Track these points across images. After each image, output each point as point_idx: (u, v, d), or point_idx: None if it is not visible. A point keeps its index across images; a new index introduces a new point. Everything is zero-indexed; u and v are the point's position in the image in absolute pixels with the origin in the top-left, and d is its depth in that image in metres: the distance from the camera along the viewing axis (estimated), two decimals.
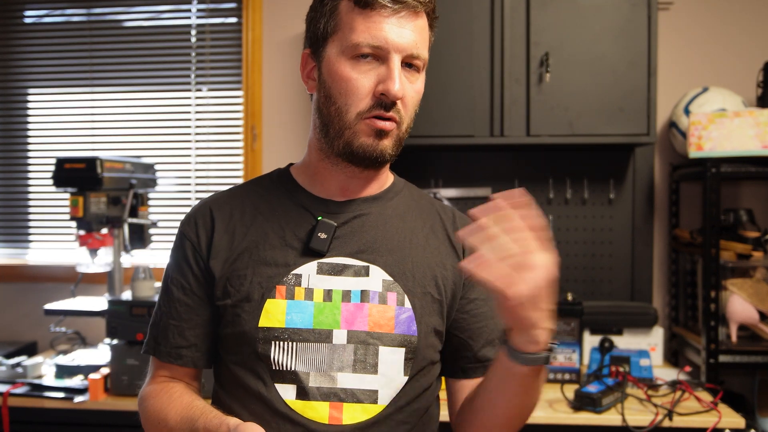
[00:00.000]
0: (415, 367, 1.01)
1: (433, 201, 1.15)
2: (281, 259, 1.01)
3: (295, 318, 0.98)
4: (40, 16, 2.75)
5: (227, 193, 1.10)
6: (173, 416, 0.98)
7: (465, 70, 2.14)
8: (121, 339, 1.96)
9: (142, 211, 2.37)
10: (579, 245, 2.44)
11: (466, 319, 1.07)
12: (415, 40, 0.96)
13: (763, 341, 2.02)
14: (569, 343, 2.02)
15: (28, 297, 2.64)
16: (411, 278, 1.02)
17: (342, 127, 0.98)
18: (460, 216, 1.13)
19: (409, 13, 0.96)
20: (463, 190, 2.45)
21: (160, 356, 1.06)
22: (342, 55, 0.96)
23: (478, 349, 1.07)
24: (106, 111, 2.72)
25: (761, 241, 2.06)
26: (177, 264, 1.06)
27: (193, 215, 1.08)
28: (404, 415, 1.00)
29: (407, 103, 0.98)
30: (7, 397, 1.91)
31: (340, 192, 1.06)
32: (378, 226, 1.05)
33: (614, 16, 2.10)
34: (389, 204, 1.09)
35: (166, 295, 1.07)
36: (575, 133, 2.11)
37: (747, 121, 2.00)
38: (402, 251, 1.04)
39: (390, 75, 0.94)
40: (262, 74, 2.60)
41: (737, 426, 1.74)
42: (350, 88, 0.96)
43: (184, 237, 1.06)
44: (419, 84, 1.01)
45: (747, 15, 2.42)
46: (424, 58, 0.99)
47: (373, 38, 0.94)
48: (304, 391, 0.96)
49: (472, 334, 1.07)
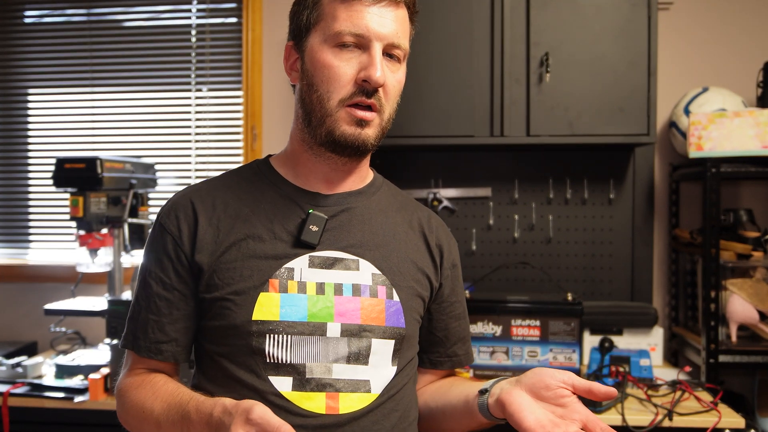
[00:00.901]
0: (403, 358, 1.06)
1: (409, 198, 1.19)
2: (272, 251, 1.01)
3: (290, 311, 0.99)
4: (40, 16, 2.75)
5: (206, 185, 1.09)
6: (159, 405, 0.97)
7: (465, 70, 2.14)
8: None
9: (142, 211, 2.37)
10: (579, 245, 2.44)
11: (444, 320, 1.15)
12: (396, 30, 0.99)
13: (763, 341, 2.02)
14: (569, 343, 2.02)
15: (28, 297, 2.64)
16: (398, 272, 1.06)
17: (323, 115, 0.99)
18: (434, 217, 1.18)
19: (389, 4, 0.98)
20: (463, 190, 2.46)
21: (140, 351, 1.05)
22: (324, 44, 0.98)
23: (449, 345, 1.17)
24: (106, 111, 2.72)
25: (761, 241, 2.06)
26: (156, 258, 1.05)
27: (173, 208, 1.06)
28: (394, 403, 1.04)
29: (388, 91, 1.00)
30: (7, 397, 1.91)
31: (324, 184, 1.07)
32: (364, 221, 1.08)
33: (614, 16, 2.10)
34: (372, 199, 1.11)
35: (144, 290, 1.05)
36: (575, 133, 2.11)
37: (747, 121, 2.00)
38: (387, 246, 1.07)
39: (372, 62, 0.96)
40: (262, 74, 2.60)
41: (737, 426, 1.74)
42: (332, 75, 0.97)
43: (163, 230, 1.04)
44: (400, 74, 1.03)
45: (747, 15, 2.42)
46: (405, 48, 1.02)
47: (354, 26, 0.96)
48: (300, 383, 0.98)
49: (447, 333, 1.16)
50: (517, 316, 2.05)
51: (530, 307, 2.05)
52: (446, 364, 1.17)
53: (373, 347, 1.02)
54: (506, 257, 2.46)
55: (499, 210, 2.47)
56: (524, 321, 2.05)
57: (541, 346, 2.03)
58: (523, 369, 2.05)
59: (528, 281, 2.46)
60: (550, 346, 2.03)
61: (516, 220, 2.45)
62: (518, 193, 2.45)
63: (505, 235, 2.47)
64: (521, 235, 2.46)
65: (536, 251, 2.45)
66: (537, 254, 2.45)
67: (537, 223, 2.45)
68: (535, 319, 2.04)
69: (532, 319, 2.04)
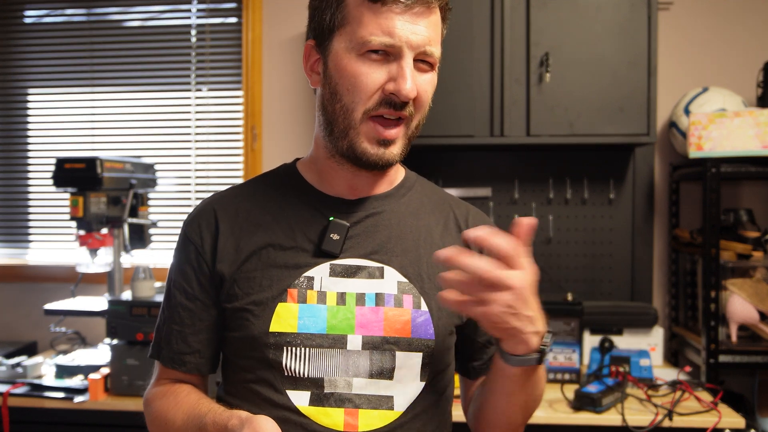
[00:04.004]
0: (433, 372, 0.98)
1: (446, 195, 1.12)
2: (292, 261, 0.97)
3: (308, 323, 0.94)
4: (40, 16, 2.75)
5: (231, 192, 1.06)
6: (180, 416, 0.96)
7: (465, 71, 2.14)
8: (121, 339, 1.96)
9: (142, 211, 2.37)
10: (579, 245, 2.44)
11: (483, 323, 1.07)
12: (429, 37, 0.92)
13: (763, 341, 2.02)
14: (569, 343, 2.02)
15: (28, 297, 2.64)
16: (427, 279, 0.99)
17: (347, 127, 0.94)
18: (474, 212, 1.10)
19: (422, 9, 0.90)
20: (463, 190, 2.45)
21: (164, 362, 1.04)
22: (351, 51, 0.91)
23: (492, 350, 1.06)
24: (106, 111, 2.72)
25: (761, 241, 2.06)
26: (180, 267, 1.03)
27: (197, 217, 1.04)
28: (421, 423, 0.98)
29: (421, 99, 0.94)
30: (7, 397, 1.91)
31: (349, 190, 1.02)
32: (392, 225, 1.02)
33: (614, 16, 2.10)
34: (402, 201, 1.05)
35: (168, 300, 1.04)
36: (575, 133, 2.11)
37: (747, 121, 2.00)
38: (417, 251, 1.01)
39: (402, 74, 0.90)
40: (262, 74, 2.60)
41: (737, 426, 1.74)
42: (358, 84, 0.91)
43: (187, 240, 1.03)
44: (432, 78, 0.96)
45: (747, 15, 2.42)
46: (438, 55, 0.94)
47: (384, 35, 0.89)
48: (318, 398, 0.94)
49: (490, 338, 1.06)
50: None
51: None
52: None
53: (398, 361, 0.95)
54: None
55: (499, 210, 2.46)
56: None
57: None
58: None
59: None
60: None
61: None
62: (518, 193, 2.45)
63: None
64: None
65: (536, 251, 2.45)
66: (537, 254, 2.45)
67: (537, 223, 2.44)
68: None
69: None
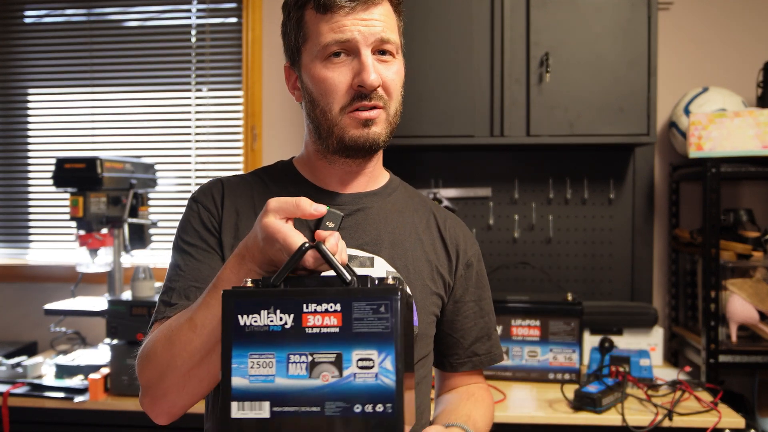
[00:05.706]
0: (416, 357, 1.04)
1: (426, 199, 1.20)
2: None
3: None
4: (40, 16, 2.75)
5: (236, 178, 1.12)
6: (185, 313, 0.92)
7: (465, 70, 2.14)
8: (121, 339, 1.96)
9: (142, 211, 2.37)
10: (579, 245, 2.44)
11: (459, 320, 1.15)
12: (380, 26, 0.99)
13: (763, 341, 2.02)
14: (569, 343, 2.02)
15: (28, 297, 2.64)
16: (413, 270, 1.07)
17: (330, 125, 1.01)
18: (452, 218, 1.18)
19: (366, 5, 0.98)
20: (463, 190, 2.46)
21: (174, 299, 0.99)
22: (316, 60, 1.00)
23: (467, 346, 1.16)
24: (106, 111, 2.72)
25: (761, 241, 2.06)
26: (192, 228, 1.04)
27: (208, 188, 1.09)
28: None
29: (389, 87, 1.01)
30: (7, 397, 1.91)
31: (340, 185, 1.09)
32: (380, 220, 1.09)
33: (614, 16, 2.10)
34: (389, 199, 1.13)
35: (183, 258, 1.02)
36: (575, 133, 2.11)
37: (747, 121, 2.00)
38: (403, 245, 1.08)
39: (363, 67, 0.97)
40: (262, 74, 2.60)
41: (737, 426, 1.74)
42: (328, 87, 0.99)
43: (198, 204, 1.06)
44: (397, 67, 1.02)
45: (747, 15, 2.42)
46: (395, 41, 1.01)
47: (338, 35, 0.97)
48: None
49: (464, 333, 1.15)
50: (517, 316, 2.05)
51: (530, 307, 2.05)
52: (466, 365, 1.16)
53: None
54: (506, 257, 2.46)
55: (499, 210, 2.46)
56: (524, 321, 2.05)
57: (541, 346, 2.03)
58: (523, 369, 2.06)
59: (528, 281, 2.46)
60: (550, 346, 2.03)
61: (516, 220, 2.45)
62: (518, 193, 2.45)
63: (505, 235, 2.47)
64: (521, 235, 2.46)
65: (536, 251, 2.45)
66: (537, 254, 2.45)
67: (537, 223, 2.45)
68: (535, 319, 2.04)
69: (532, 319, 2.04)
